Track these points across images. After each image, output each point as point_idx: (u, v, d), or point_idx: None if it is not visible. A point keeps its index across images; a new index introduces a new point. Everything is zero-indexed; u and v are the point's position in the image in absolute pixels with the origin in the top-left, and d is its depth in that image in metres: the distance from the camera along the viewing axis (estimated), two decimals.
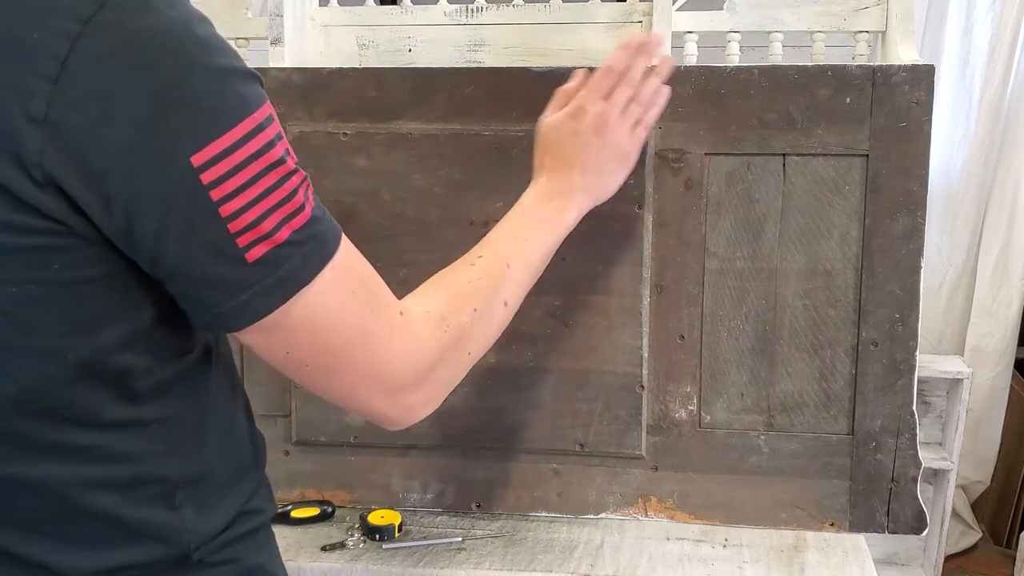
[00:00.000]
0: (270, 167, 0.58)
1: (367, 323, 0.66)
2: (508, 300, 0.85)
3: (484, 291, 0.82)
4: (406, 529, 1.19)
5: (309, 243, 0.61)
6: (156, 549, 0.66)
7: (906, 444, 1.17)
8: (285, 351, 0.64)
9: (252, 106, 0.58)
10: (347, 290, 0.65)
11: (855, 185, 1.16)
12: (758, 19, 1.32)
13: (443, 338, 0.73)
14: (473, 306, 0.79)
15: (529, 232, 0.91)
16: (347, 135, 1.22)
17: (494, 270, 0.85)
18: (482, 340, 0.81)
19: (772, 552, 1.14)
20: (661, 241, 1.19)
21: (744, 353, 1.20)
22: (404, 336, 0.70)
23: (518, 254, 0.88)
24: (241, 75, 0.59)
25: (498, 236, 0.90)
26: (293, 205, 0.60)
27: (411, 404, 0.72)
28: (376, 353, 0.67)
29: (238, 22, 1.43)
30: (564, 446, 1.22)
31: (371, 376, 0.68)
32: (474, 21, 1.40)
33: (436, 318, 0.74)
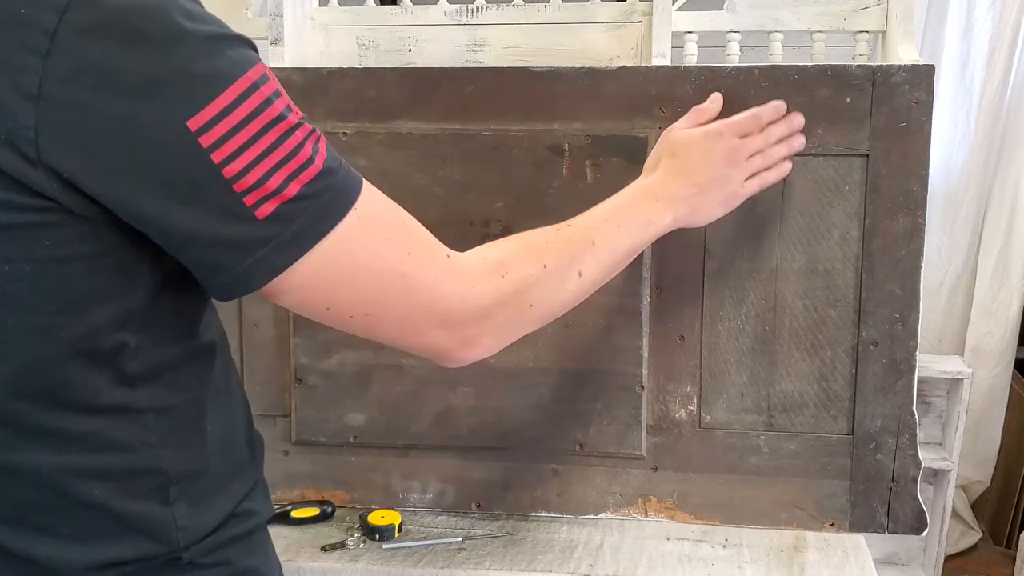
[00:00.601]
0: (270, 124, 0.59)
1: (405, 267, 0.67)
2: (583, 271, 0.84)
3: (560, 252, 0.82)
4: (406, 529, 1.19)
5: (324, 195, 0.61)
6: (147, 545, 0.65)
7: (906, 444, 1.17)
8: (325, 307, 0.65)
9: (244, 67, 0.59)
10: (378, 237, 0.65)
11: (855, 185, 1.16)
12: (758, 19, 1.32)
13: (500, 283, 0.74)
14: (543, 262, 0.79)
15: (623, 219, 0.91)
16: (347, 135, 1.22)
17: (577, 239, 0.85)
18: (548, 298, 0.80)
19: (772, 552, 1.14)
20: (661, 241, 1.19)
21: (744, 353, 1.20)
22: (453, 276, 0.71)
23: (606, 236, 0.88)
24: (229, 39, 0.60)
25: (592, 214, 0.90)
26: (299, 160, 0.60)
27: (470, 337, 0.72)
28: (421, 294, 0.68)
29: (238, 22, 1.43)
30: (564, 446, 1.22)
31: (421, 315, 0.69)
32: (474, 21, 1.40)
33: (494, 264, 0.75)
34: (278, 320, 1.25)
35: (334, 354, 1.23)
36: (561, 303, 0.83)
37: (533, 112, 1.20)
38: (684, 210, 0.98)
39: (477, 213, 1.20)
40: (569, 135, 1.19)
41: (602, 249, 0.87)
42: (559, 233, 0.84)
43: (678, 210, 0.97)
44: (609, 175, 1.18)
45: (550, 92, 1.19)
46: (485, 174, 1.20)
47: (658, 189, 0.97)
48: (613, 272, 0.91)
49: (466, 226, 1.21)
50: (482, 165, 1.20)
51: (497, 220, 1.20)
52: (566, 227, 0.86)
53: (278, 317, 1.25)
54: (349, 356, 1.23)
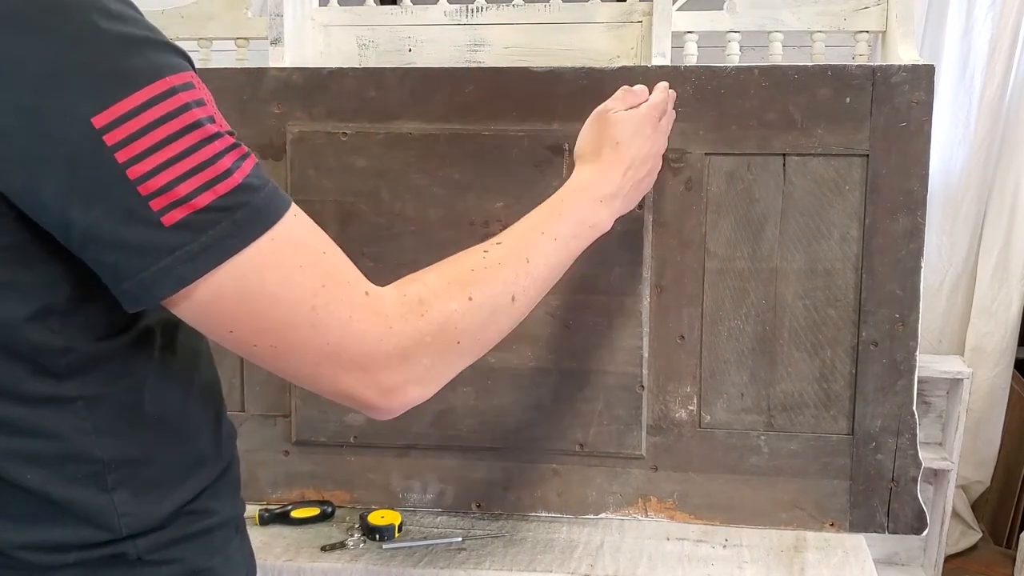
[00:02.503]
0: (184, 130, 0.57)
1: (317, 299, 0.62)
2: (518, 296, 0.78)
3: (488, 280, 0.76)
4: (406, 529, 1.19)
5: (239, 211, 0.59)
6: (87, 531, 0.64)
7: (906, 444, 1.17)
8: (228, 330, 0.61)
9: (163, 71, 0.57)
10: (292, 264, 0.61)
11: (855, 185, 1.16)
12: (758, 19, 1.32)
13: (419, 323, 0.68)
14: (468, 294, 0.73)
15: (562, 229, 0.86)
16: (347, 135, 1.22)
17: (509, 260, 0.79)
18: (478, 332, 0.75)
19: (772, 552, 1.14)
20: (661, 241, 1.19)
21: (744, 353, 1.20)
22: (369, 315, 0.65)
23: (542, 251, 0.83)
24: (152, 43, 0.58)
25: (528, 225, 0.85)
26: (215, 171, 0.58)
27: (390, 385, 0.66)
28: (331, 331, 0.63)
29: (238, 22, 1.43)
30: (564, 446, 1.22)
31: (331, 355, 0.63)
32: (474, 21, 1.40)
33: (413, 301, 0.69)
34: None
35: None
36: (495, 333, 0.78)
37: (533, 112, 1.20)
38: (620, 204, 0.96)
39: (477, 213, 1.20)
40: (569, 135, 1.18)
41: (537, 267, 0.81)
42: (488, 256, 0.78)
43: (616, 207, 0.94)
44: None
45: (550, 92, 1.19)
46: (485, 174, 1.20)
47: (601, 187, 0.93)
48: (551, 286, 0.86)
49: (466, 226, 1.21)
50: (482, 165, 1.20)
51: (497, 220, 1.20)
52: (496, 245, 0.80)
53: None
54: None
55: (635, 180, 0.97)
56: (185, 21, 1.45)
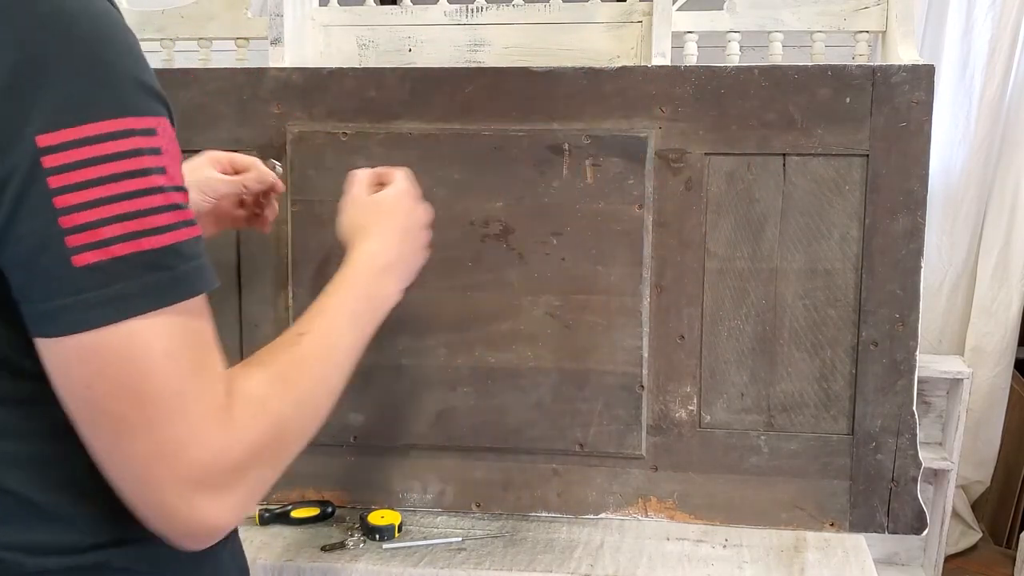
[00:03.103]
0: (127, 174, 0.55)
1: (186, 385, 0.58)
2: (333, 391, 0.74)
3: (309, 379, 0.70)
4: (406, 529, 1.19)
5: (157, 274, 0.56)
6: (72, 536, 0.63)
7: (906, 444, 1.17)
8: (86, 385, 0.56)
9: (130, 110, 0.55)
10: (183, 344, 0.58)
11: (855, 185, 1.16)
12: (758, 19, 1.32)
13: (260, 431, 0.63)
14: (296, 396, 0.68)
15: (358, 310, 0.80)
16: (347, 135, 1.22)
17: (322, 354, 0.73)
18: (299, 438, 0.69)
19: (772, 552, 1.14)
20: (661, 241, 1.19)
21: (744, 353, 1.20)
22: (220, 418, 0.60)
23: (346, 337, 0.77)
24: (130, 80, 0.56)
25: (328, 310, 0.78)
26: (146, 223, 0.55)
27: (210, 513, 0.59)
28: (184, 425, 0.58)
29: (238, 22, 1.43)
30: (564, 446, 1.22)
31: (173, 453, 0.57)
32: (474, 21, 1.40)
33: (256, 405, 0.63)
34: (278, 320, 1.25)
35: None
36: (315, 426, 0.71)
37: (533, 112, 1.20)
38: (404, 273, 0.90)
39: (477, 213, 1.20)
40: (569, 135, 1.19)
41: (346, 355, 0.76)
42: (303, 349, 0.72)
43: (400, 275, 0.89)
44: (609, 175, 1.18)
45: (550, 92, 1.19)
46: (485, 174, 1.20)
47: (383, 257, 0.87)
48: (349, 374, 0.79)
49: (466, 226, 1.21)
50: (482, 165, 1.20)
51: (497, 220, 1.20)
52: (303, 337, 0.73)
53: (278, 317, 1.25)
54: None
55: (412, 249, 0.93)
56: (185, 21, 1.45)
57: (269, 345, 0.72)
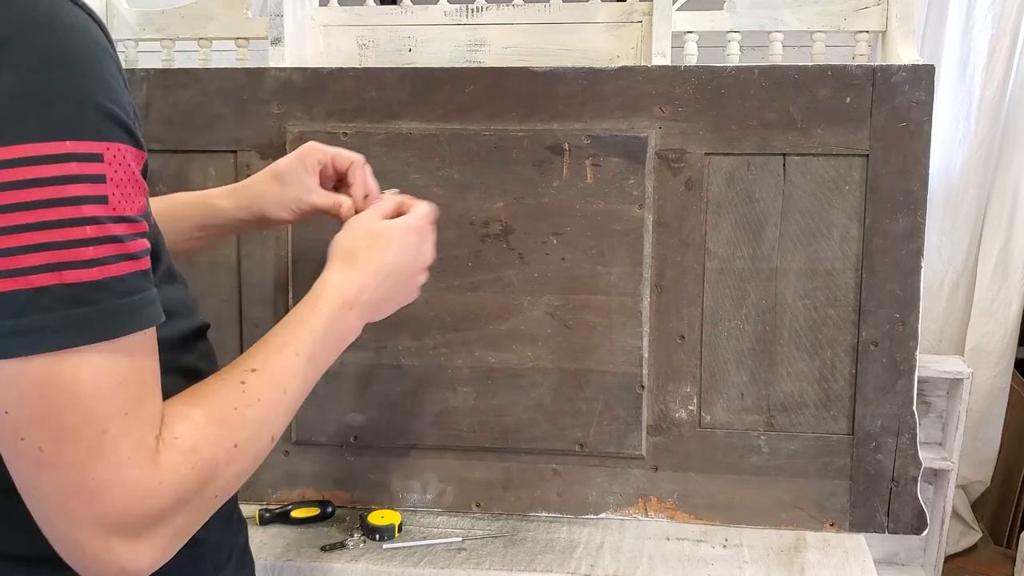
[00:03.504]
0: (53, 201, 0.52)
1: (112, 425, 0.55)
2: (276, 435, 0.69)
3: (251, 423, 0.66)
4: (406, 529, 1.19)
5: (81, 308, 0.53)
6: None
7: (906, 444, 1.17)
8: (4, 410, 0.54)
9: (70, 133, 0.53)
10: (114, 379, 0.55)
11: (855, 185, 1.16)
12: (758, 19, 1.32)
13: (188, 476, 0.59)
14: (235, 439, 0.64)
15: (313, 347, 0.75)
16: (347, 135, 1.22)
17: (268, 396, 0.68)
18: (233, 483, 0.65)
19: (772, 552, 1.14)
20: (661, 241, 1.19)
21: (744, 353, 1.20)
22: (146, 461, 0.57)
23: (297, 376, 0.72)
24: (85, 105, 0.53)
25: (279, 347, 0.73)
26: (70, 255, 0.52)
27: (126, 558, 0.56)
28: (106, 466, 0.55)
29: (238, 22, 1.43)
30: (564, 446, 1.22)
31: (91, 493, 0.55)
32: (474, 21, 1.40)
33: (186, 449, 0.60)
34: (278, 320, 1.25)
35: None
36: (249, 473, 0.68)
37: (533, 112, 1.20)
38: (371, 311, 0.84)
39: (477, 213, 1.21)
40: (569, 135, 1.19)
41: (293, 396, 0.72)
42: (247, 391, 0.67)
43: (365, 312, 0.83)
44: (609, 175, 1.18)
45: (550, 92, 1.19)
46: (485, 174, 1.20)
47: (350, 290, 0.81)
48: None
49: (466, 226, 1.21)
50: (482, 165, 1.20)
51: (497, 220, 1.20)
52: (251, 374, 0.68)
53: (278, 317, 1.25)
54: (349, 356, 1.23)
55: (393, 290, 0.85)
56: (185, 21, 1.45)
57: (212, 380, 0.67)
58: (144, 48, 1.49)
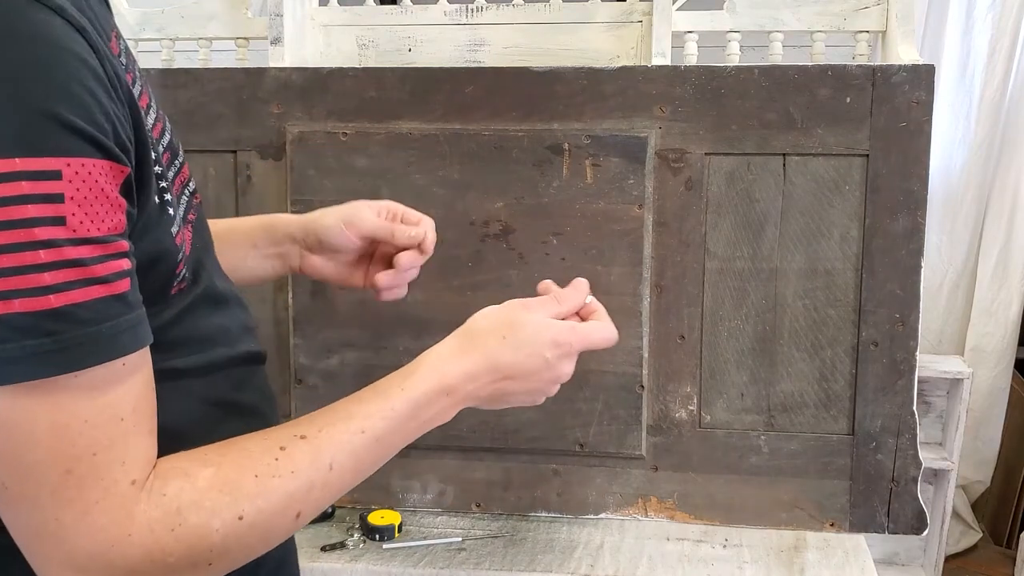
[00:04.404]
0: (5, 224, 0.48)
1: (77, 466, 0.51)
2: (305, 512, 0.62)
3: (270, 495, 0.59)
4: (406, 529, 1.19)
5: (36, 339, 0.49)
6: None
7: (906, 444, 1.17)
8: None
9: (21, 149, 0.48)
10: (79, 416, 0.51)
11: (855, 185, 1.16)
12: (758, 19, 1.32)
13: (165, 539, 0.54)
14: (240, 510, 0.57)
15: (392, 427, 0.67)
16: (347, 135, 1.22)
17: (306, 468, 0.61)
18: (239, 554, 0.59)
19: (772, 552, 1.14)
20: (661, 241, 1.19)
21: (744, 353, 1.20)
22: (114, 509, 0.53)
23: (355, 453, 0.64)
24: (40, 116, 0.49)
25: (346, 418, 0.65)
26: (24, 282, 0.48)
27: None
28: (69, 510, 0.51)
29: (238, 22, 1.43)
30: (564, 446, 1.22)
31: (55, 535, 0.52)
32: (474, 21, 1.40)
33: (170, 509, 0.55)
34: (278, 320, 1.25)
35: (334, 354, 1.23)
36: (262, 550, 0.61)
37: (533, 112, 1.20)
38: (470, 403, 0.76)
39: (477, 213, 1.20)
40: (569, 135, 1.19)
41: (342, 474, 0.63)
42: (280, 461, 0.60)
43: (464, 404, 0.75)
44: (609, 175, 1.18)
45: (550, 92, 1.19)
46: (485, 174, 1.20)
47: (456, 377, 0.72)
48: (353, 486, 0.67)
49: (466, 226, 1.21)
50: (482, 165, 1.20)
51: (497, 220, 1.20)
52: (297, 442, 0.62)
53: (278, 317, 1.25)
54: (349, 356, 1.23)
55: (510, 392, 0.76)
56: (185, 21, 1.45)
57: (250, 438, 0.61)
58: (144, 48, 1.49)
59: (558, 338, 0.75)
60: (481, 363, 0.72)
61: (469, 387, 0.72)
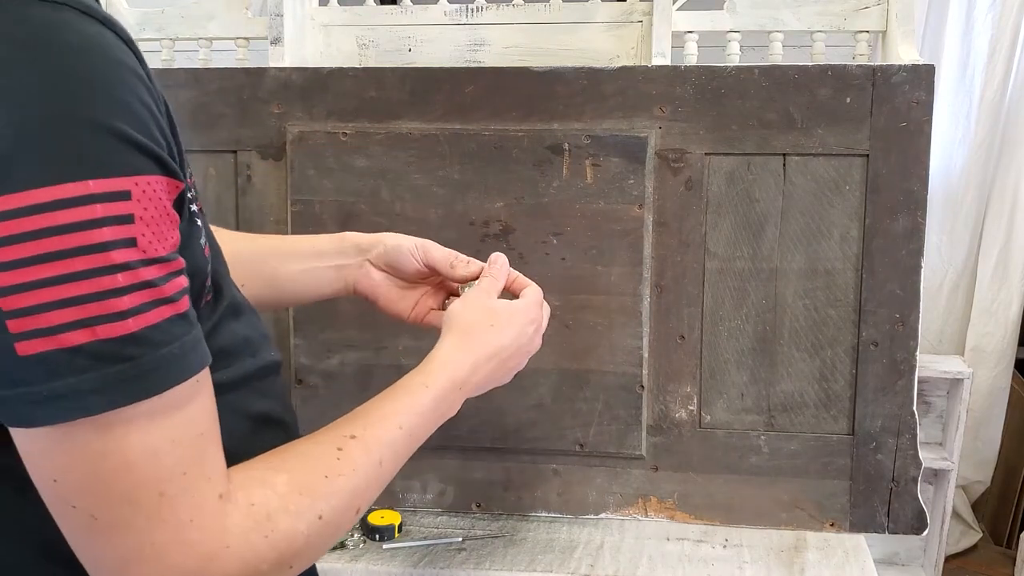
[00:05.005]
0: (77, 250, 0.46)
1: (169, 487, 0.51)
2: (362, 507, 0.65)
3: (341, 493, 0.62)
4: (406, 529, 1.19)
5: (118, 365, 0.48)
6: None
7: (906, 444, 1.17)
8: (52, 478, 0.50)
9: (91, 171, 0.47)
10: (166, 437, 0.51)
11: (855, 185, 1.16)
12: (758, 19, 1.32)
13: (260, 545, 0.55)
14: (319, 511, 0.60)
15: (417, 423, 0.73)
16: (347, 135, 1.22)
17: (363, 465, 0.65)
18: (313, 554, 0.61)
19: (772, 552, 1.14)
20: (661, 241, 1.19)
21: (744, 353, 1.20)
22: (210, 524, 0.53)
23: (395, 450, 0.70)
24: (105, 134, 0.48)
25: (385, 416, 0.70)
26: (102, 308, 0.47)
27: None
28: (165, 530, 0.51)
29: (238, 22, 1.43)
30: (564, 446, 1.22)
31: (152, 558, 0.51)
32: (474, 21, 1.40)
33: (260, 516, 0.56)
34: (278, 320, 1.25)
35: (334, 354, 1.23)
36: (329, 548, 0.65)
37: (533, 112, 1.20)
38: (472, 391, 0.82)
39: (477, 213, 1.20)
40: (569, 135, 1.19)
41: (387, 469, 0.69)
42: (342, 459, 0.64)
43: (469, 392, 0.82)
44: (609, 175, 1.18)
45: (550, 92, 1.19)
46: (485, 174, 1.20)
47: (462, 369, 0.79)
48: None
49: (466, 226, 1.21)
50: (482, 165, 1.20)
51: (497, 220, 1.20)
52: (350, 440, 0.66)
53: (278, 317, 1.25)
54: (349, 356, 1.23)
55: (495, 371, 0.83)
56: (185, 21, 1.45)
57: (305, 442, 0.64)
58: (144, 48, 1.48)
59: (530, 315, 0.85)
60: (481, 353, 0.80)
61: (474, 378, 0.79)
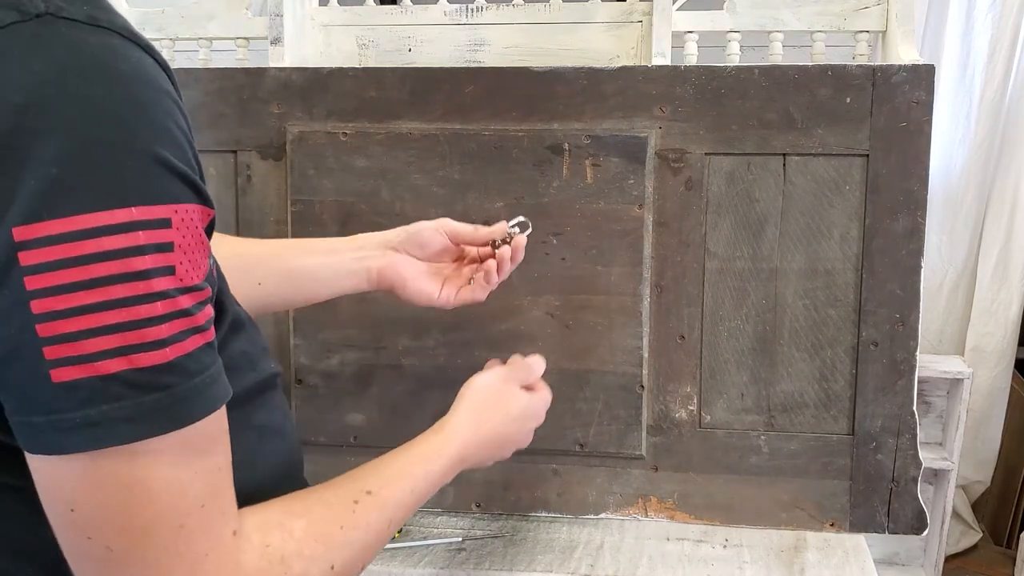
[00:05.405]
0: (118, 277, 0.46)
1: (189, 520, 0.51)
2: (366, 564, 0.67)
3: (354, 546, 0.64)
4: (406, 529, 1.19)
5: (154, 395, 0.48)
6: None
7: (906, 444, 1.17)
8: (70, 507, 0.49)
9: (134, 199, 0.47)
10: (189, 468, 0.51)
11: (855, 185, 1.16)
12: (758, 19, 1.32)
13: None
14: (332, 561, 0.61)
15: (423, 488, 0.75)
16: (347, 135, 1.22)
17: (376, 523, 0.67)
18: None
19: (772, 552, 1.14)
20: (661, 241, 1.19)
21: (744, 353, 1.20)
22: (224, 561, 0.53)
23: (402, 510, 0.72)
24: (148, 162, 0.47)
25: (399, 476, 0.73)
26: (141, 336, 0.47)
27: None
28: (182, 565, 0.51)
29: (238, 22, 1.43)
30: (564, 446, 1.22)
31: None
32: (474, 21, 1.40)
33: (274, 559, 0.57)
34: (278, 320, 1.25)
35: (334, 354, 1.23)
36: None
37: (533, 112, 1.20)
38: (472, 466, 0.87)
39: (477, 213, 1.20)
40: (569, 135, 1.19)
41: (393, 530, 0.71)
42: (358, 512, 0.65)
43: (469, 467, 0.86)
44: (609, 175, 1.18)
45: (550, 92, 1.19)
46: (485, 174, 1.20)
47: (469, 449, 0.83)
48: None
49: None
50: (482, 165, 1.20)
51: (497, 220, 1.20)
52: (366, 497, 0.67)
53: (278, 317, 1.25)
54: (349, 356, 1.23)
55: (491, 453, 0.89)
56: (185, 21, 1.45)
57: (324, 489, 0.66)
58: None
59: (538, 411, 0.94)
60: (490, 437, 0.86)
61: (475, 456, 0.85)
